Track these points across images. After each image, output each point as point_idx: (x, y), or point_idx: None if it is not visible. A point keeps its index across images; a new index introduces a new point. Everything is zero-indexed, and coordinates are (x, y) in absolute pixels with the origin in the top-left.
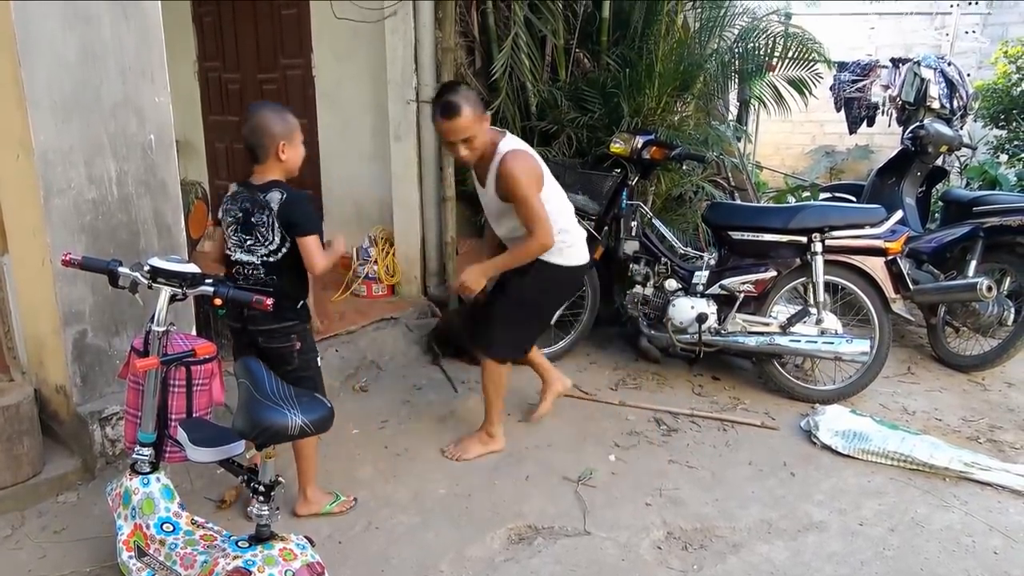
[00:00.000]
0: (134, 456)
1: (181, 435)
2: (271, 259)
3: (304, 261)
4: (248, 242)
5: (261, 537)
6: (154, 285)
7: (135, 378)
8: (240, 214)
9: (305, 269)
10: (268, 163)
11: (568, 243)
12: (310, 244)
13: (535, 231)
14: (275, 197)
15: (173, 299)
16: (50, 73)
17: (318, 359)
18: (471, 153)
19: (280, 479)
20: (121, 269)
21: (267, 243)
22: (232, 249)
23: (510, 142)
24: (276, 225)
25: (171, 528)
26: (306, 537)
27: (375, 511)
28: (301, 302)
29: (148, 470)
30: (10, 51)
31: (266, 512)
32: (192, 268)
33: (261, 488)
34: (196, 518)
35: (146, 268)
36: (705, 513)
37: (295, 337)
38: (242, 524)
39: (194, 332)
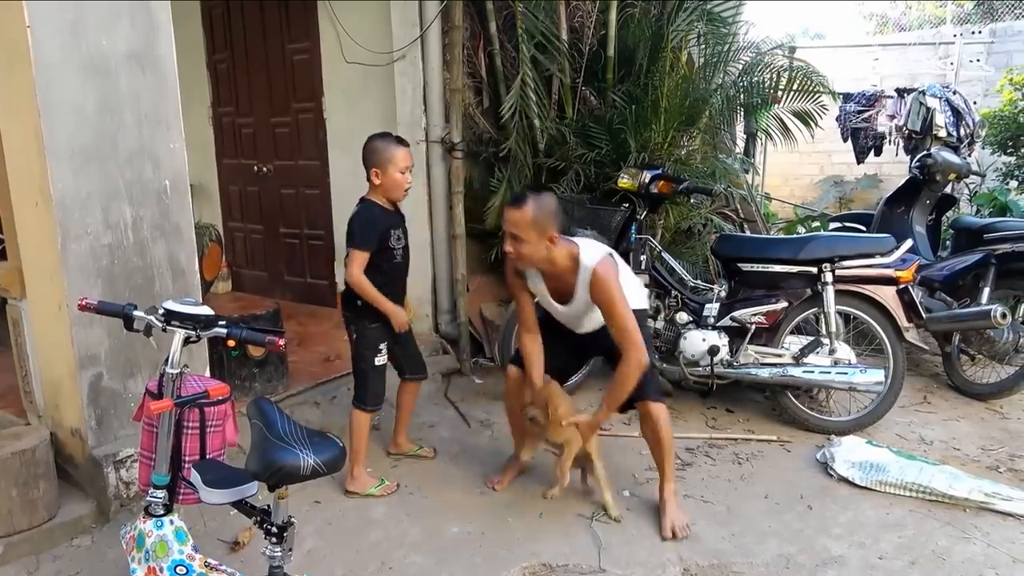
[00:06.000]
0: (148, 498)
1: (194, 477)
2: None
3: None
4: None
5: None
6: (168, 328)
7: (149, 420)
8: None
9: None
10: (369, 183)
11: None
12: (349, 254)
13: (629, 350)
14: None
15: (187, 341)
16: (69, 124)
17: (375, 359)
18: (512, 251)
19: (292, 519)
20: (136, 313)
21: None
22: None
23: (591, 253)
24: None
25: (184, 571)
26: None
27: (389, 551)
28: (360, 301)
29: (162, 512)
30: (31, 103)
31: (279, 553)
32: (206, 310)
33: (274, 529)
34: (209, 560)
35: (160, 311)
36: (722, 549)
37: (351, 328)
38: (255, 566)
39: (207, 373)
